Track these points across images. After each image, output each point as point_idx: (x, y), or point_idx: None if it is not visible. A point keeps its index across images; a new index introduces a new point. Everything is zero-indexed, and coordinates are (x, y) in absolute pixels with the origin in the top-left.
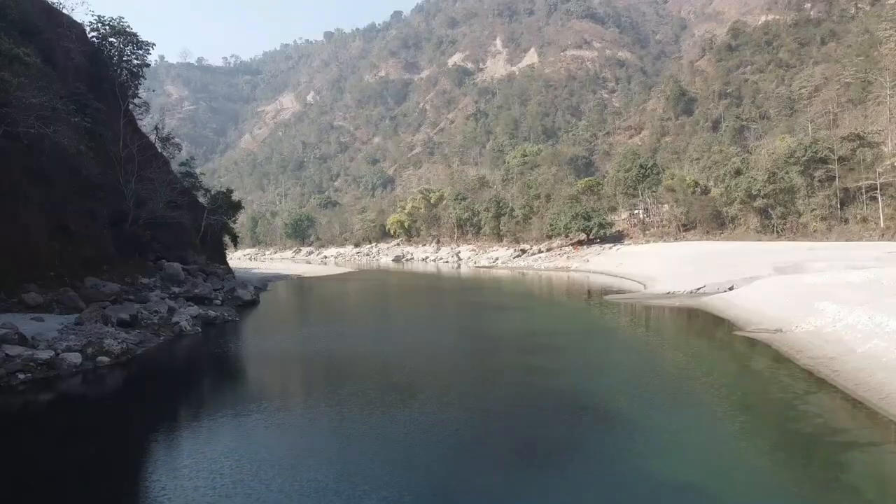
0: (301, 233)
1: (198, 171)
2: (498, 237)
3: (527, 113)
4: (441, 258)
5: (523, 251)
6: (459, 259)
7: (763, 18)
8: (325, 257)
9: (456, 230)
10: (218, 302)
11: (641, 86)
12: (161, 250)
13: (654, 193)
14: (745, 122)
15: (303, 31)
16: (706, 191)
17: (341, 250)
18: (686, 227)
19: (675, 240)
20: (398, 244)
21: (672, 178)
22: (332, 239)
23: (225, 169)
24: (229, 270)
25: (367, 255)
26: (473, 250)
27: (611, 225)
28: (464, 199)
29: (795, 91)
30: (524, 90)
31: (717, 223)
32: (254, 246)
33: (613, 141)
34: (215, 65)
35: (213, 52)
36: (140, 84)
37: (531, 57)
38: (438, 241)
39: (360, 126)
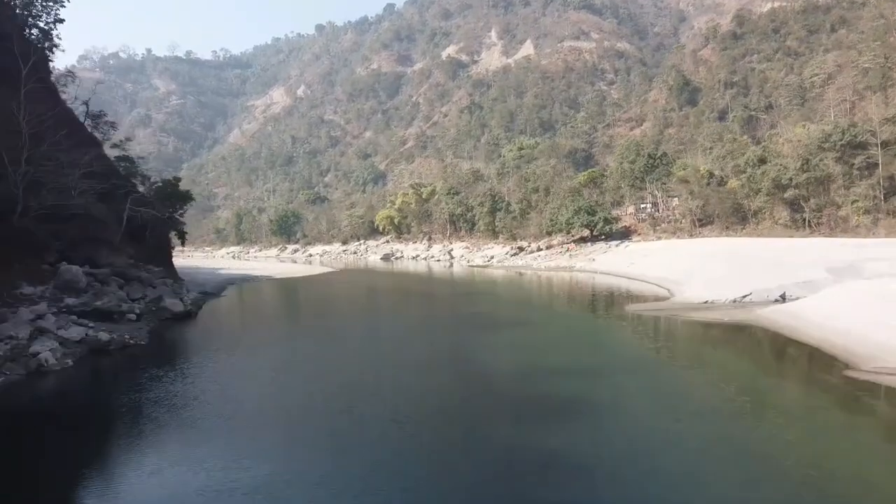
0: (287, 230)
1: (183, 166)
2: (493, 234)
3: (523, 105)
4: (432, 256)
5: (521, 249)
6: (452, 257)
7: (769, 5)
8: (311, 255)
9: (449, 227)
10: (132, 316)
11: (642, 77)
12: (65, 249)
13: (663, 186)
14: (753, 112)
15: (294, 24)
16: (722, 182)
17: (328, 248)
18: (702, 222)
19: (690, 236)
20: (388, 241)
21: (684, 169)
22: (320, 236)
23: (213, 164)
24: (171, 273)
25: (355, 253)
26: (467, 248)
27: (616, 220)
28: (457, 193)
29: (807, 79)
30: (520, 82)
31: (737, 217)
32: (239, 243)
33: (614, 133)
34: (204, 58)
35: (202, 46)
36: (56, 46)
37: (527, 49)
38: (430, 239)
39: (351, 120)
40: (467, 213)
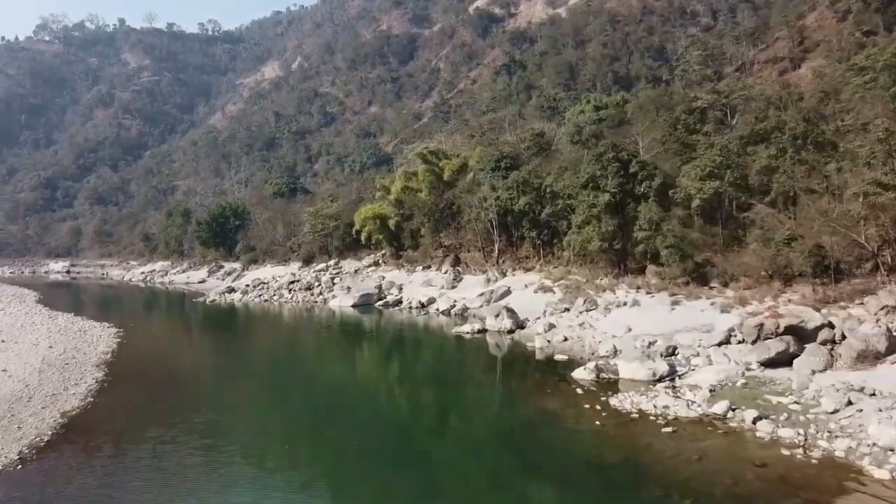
0: (226, 238)
1: (146, 153)
2: (615, 259)
3: (587, 58)
4: (464, 308)
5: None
6: (517, 324)
7: None
8: (232, 289)
9: (497, 237)
10: None
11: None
12: None
13: None
14: None
15: None
16: None
17: (276, 272)
18: None
19: None
20: (376, 263)
21: None
22: (273, 250)
23: (182, 151)
24: None
25: (310, 288)
26: (553, 290)
27: None
28: (512, 167)
29: None
30: (578, 30)
31: None
32: (169, 256)
33: (758, 78)
34: (189, 32)
35: (188, 19)
36: None
37: None
38: (457, 261)
39: (351, 93)
40: (538, 208)
